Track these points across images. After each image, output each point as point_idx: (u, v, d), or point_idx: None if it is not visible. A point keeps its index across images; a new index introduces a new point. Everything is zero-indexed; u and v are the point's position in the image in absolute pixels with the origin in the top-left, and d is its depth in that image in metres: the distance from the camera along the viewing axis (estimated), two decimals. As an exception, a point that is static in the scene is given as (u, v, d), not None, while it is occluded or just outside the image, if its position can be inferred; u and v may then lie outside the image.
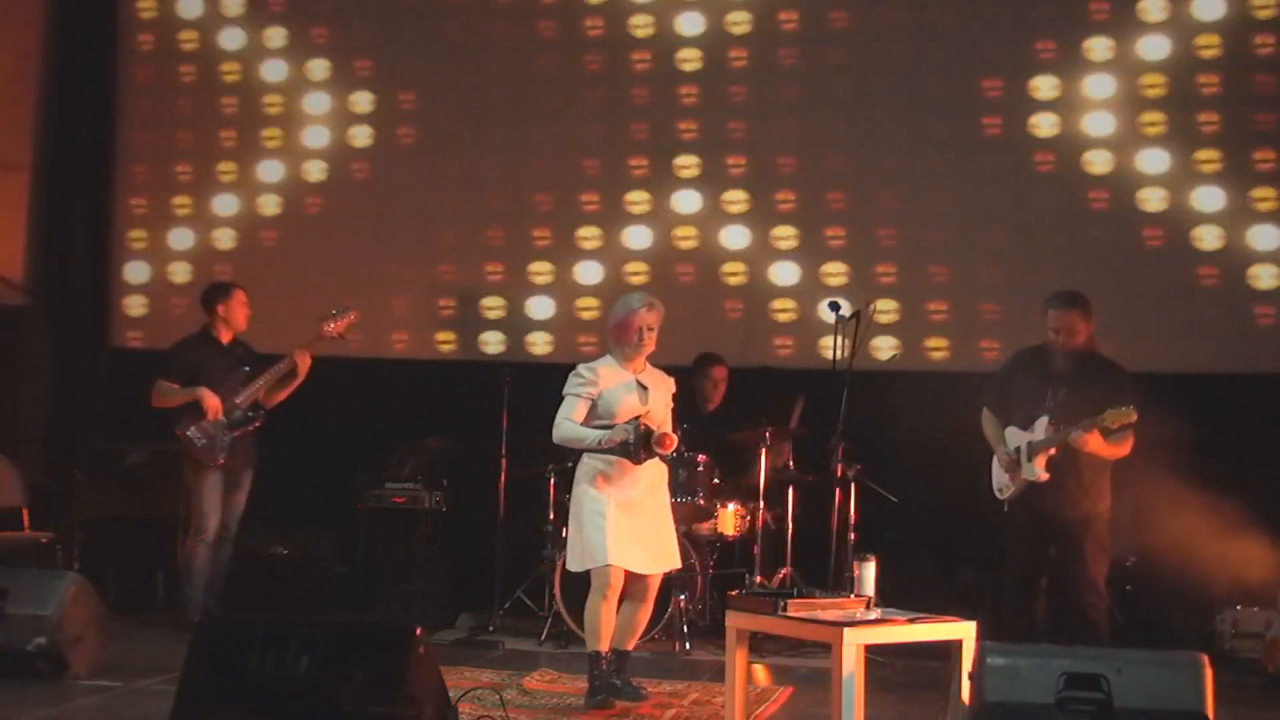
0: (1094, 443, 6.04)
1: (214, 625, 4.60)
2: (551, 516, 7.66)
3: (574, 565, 5.99)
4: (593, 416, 5.90)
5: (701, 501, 7.31)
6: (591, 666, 5.86)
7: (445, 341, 8.82)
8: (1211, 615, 7.28)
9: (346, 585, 8.10)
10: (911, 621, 4.94)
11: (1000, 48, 8.24)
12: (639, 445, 5.77)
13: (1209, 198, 7.94)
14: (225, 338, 7.63)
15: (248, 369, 7.54)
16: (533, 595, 7.84)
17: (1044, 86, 8.13)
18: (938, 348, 8.19)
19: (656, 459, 5.90)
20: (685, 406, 7.73)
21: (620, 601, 5.90)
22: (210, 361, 7.52)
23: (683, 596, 7.15)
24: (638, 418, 5.83)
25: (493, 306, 8.77)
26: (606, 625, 5.85)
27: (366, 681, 4.25)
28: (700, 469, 7.33)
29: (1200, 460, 7.17)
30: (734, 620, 5.18)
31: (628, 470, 5.84)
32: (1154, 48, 8.03)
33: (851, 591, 5.15)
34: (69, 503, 8.22)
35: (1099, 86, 8.09)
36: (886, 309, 8.02)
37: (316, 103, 9.03)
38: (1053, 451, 6.12)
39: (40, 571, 6.87)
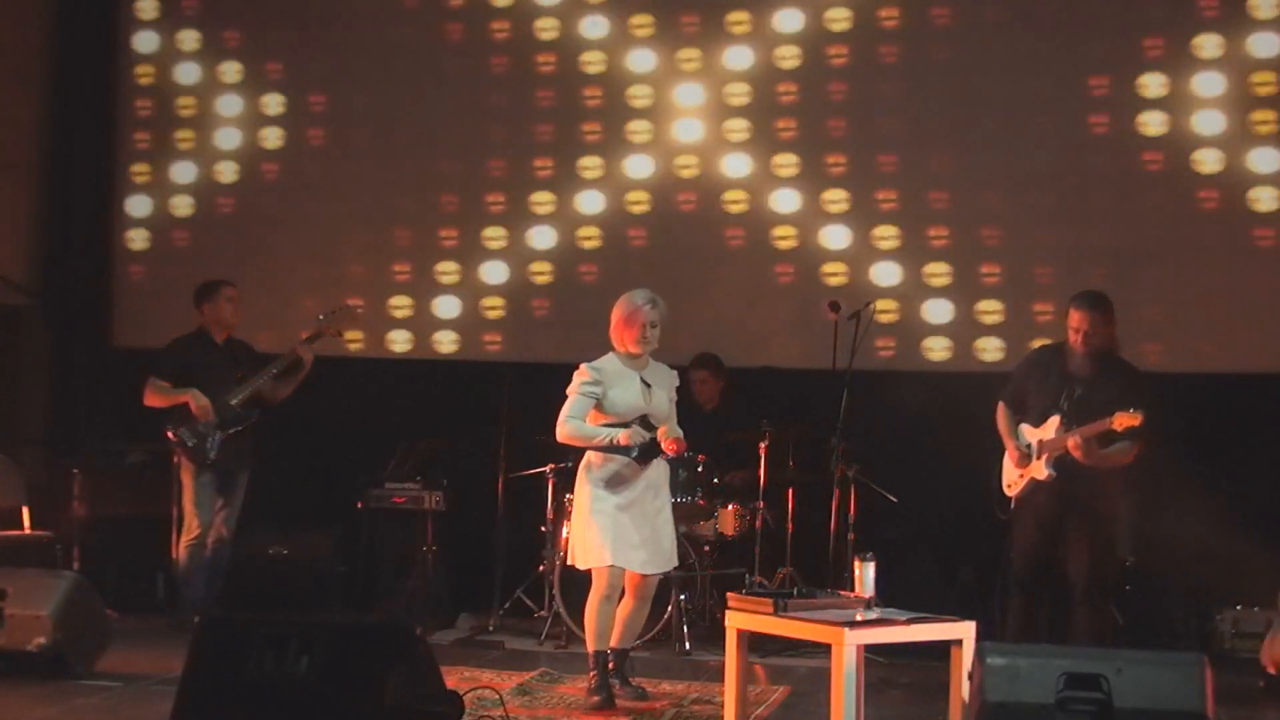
0: (1091, 451, 5.99)
1: (214, 625, 4.59)
2: (551, 516, 7.66)
3: (576, 562, 6.02)
4: (599, 414, 5.92)
5: (701, 501, 7.31)
6: (592, 666, 5.88)
7: (446, 341, 8.82)
8: (1211, 615, 7.28)
9: (346, 585, 8.10)
10: (911, 621, 4.94)
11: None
12: (646, 447, 5.79)
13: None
14: (219, 337, 7.62)
15: (242, 369, 7.54)
16: (533, 595, 7.84)
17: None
18: (938, 348, 8.18)
19: (660, 458, 5.91)
20: (685, 406, 7.75)
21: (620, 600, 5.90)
22: (203, 361, 7.51)
23: (683, 596, 7.15)
24: (645, 417, 5.84)
25: (493, 306, 8.77)
26: (607, 625, 5.87)
27: (359, 679, 4.25)
28: (700, 469, 7.33)
29: (1200, 460, 7.18)
30: (734, 620, 5.18)
31: (631, 469, 5.86)
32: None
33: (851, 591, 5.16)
34: (69, 503, 8.22)
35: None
36: (886, 309, 8.02)
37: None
38: (1060, 452, 6.10)
39: (40, 571, 6.86)
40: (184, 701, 4.37)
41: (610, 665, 5.93)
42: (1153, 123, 7.98)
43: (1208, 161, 7.92)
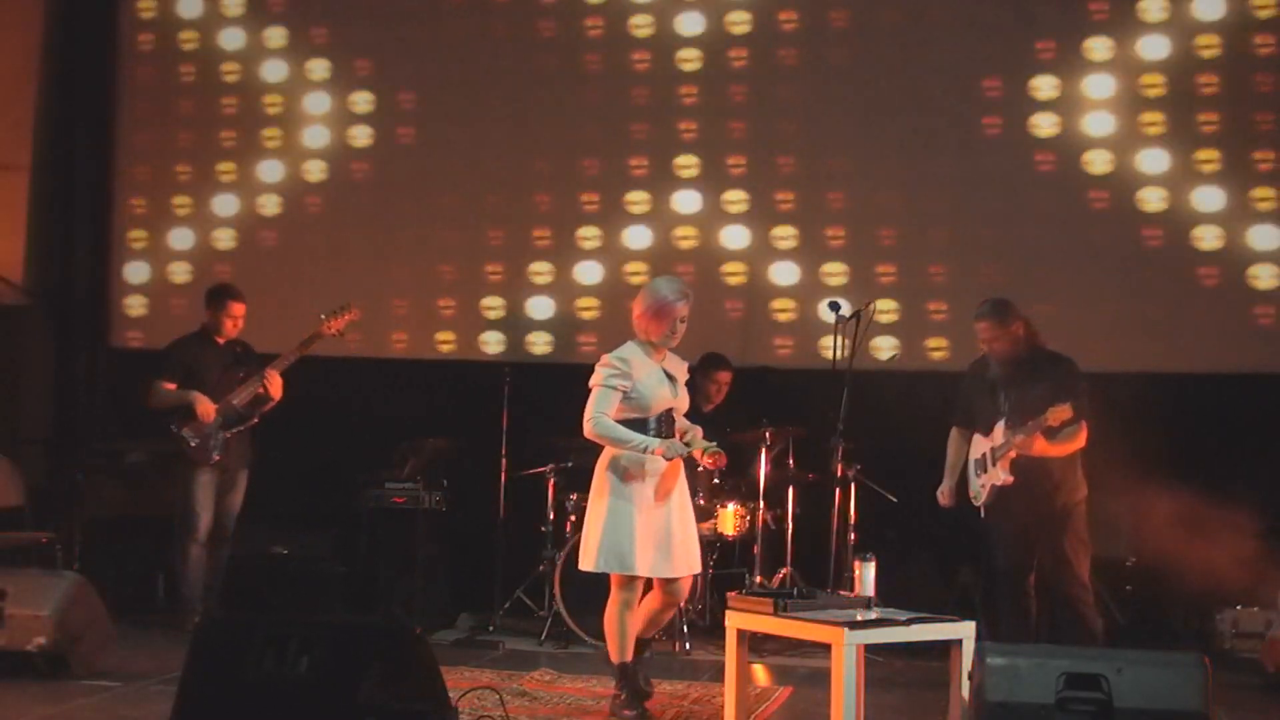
0: (1039, 446, 6.13)
1: (214, 625, 4.59)
2: (551, 516, 7.67)
3: (591, 565, 5.65)
4: (624, 408, 5.63)
5: (701, 501, 7.31)
6: (619, 679, 5.62)
7: (445, 342, 8.82)
8: (1211, 615, 7.29)
9: (346, 585, 8.10)
10: (911, 621, 4.94)
11: (1001, 47, 8.25)
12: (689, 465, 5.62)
13: (1209, 198, 7.93)
14: (222, 337, 7.63)
15: (244, 368, 7.55)
16: (533, 595, 7.84)
17: (1044, 86, 8.13)
18: (938, 348, 8.19)
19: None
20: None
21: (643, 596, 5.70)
22: (206, 361, 7.52)
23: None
24: (669, 412, 5.68)
25: (492, 306, 8.77)
26: (633, 634, 5.64)
27: (381, 678, 4.25)
28: (700, 469, 7.32)
29: (1199, 460, 7.18)
30: (734, 620, 5.18)
31: (656, 468, 5.61)
32: (1154, 47, 8.02)
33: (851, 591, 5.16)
34: (69, 503, 8.22)
35: (1099, 86, 8.08)
36: (886, 309, 8.02)
37: (316, 103, 9.03)
38: (1013, 455, 6.19)
39: (40, 571, 6.87)
40: (184, 701, 4.37)
41: (641, 671, 5.69)
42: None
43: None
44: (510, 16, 8.84)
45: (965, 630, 4.98)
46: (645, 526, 5.56)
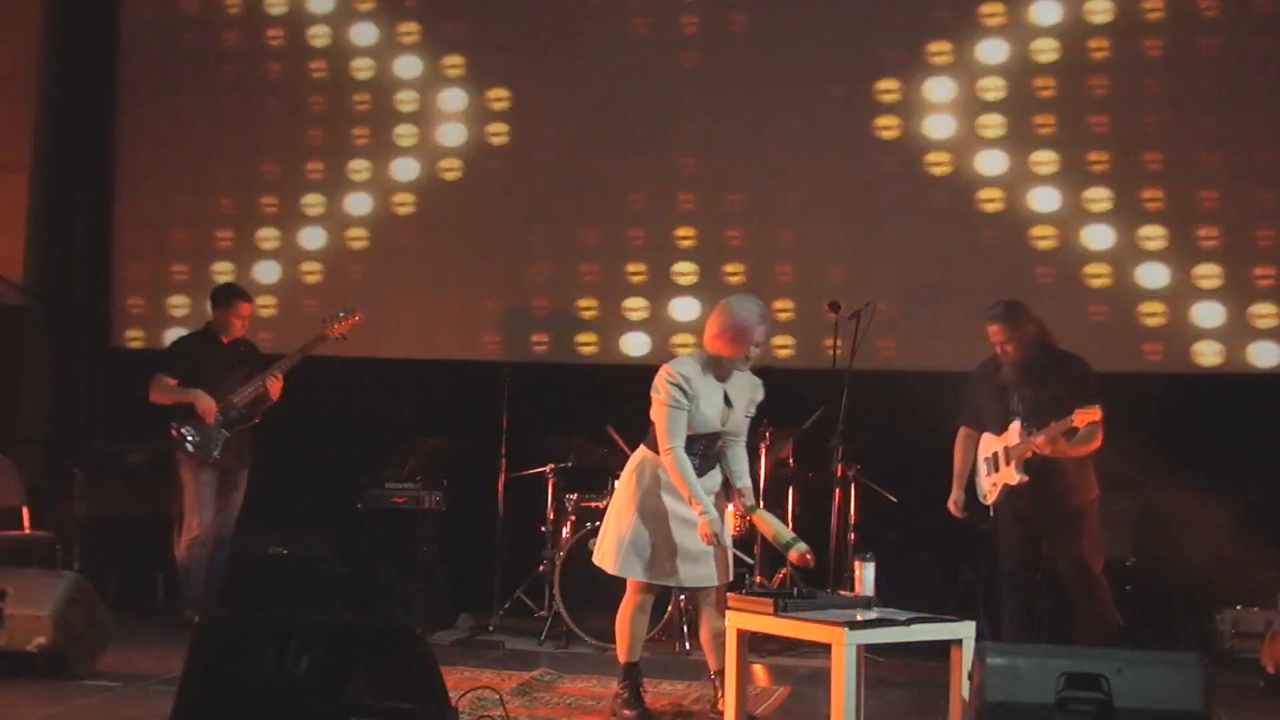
0: (1059, 447, 6.10)
1: (214, 625, 4.59)
2: (551, 516, 7.67)
3: (610, 567, 5.57)
4: None
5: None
6: (623, 679, 5.62)
7: (446, 342, 8.81)
8: (1211, 615, 7.28)
9: (346, 585, 8.10)
10: (911, 621, 4.94)
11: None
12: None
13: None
14: (226, 337, 7.64)
15: (247, 368, 7.55)
16: (533, 595, 7.85)
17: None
18: (938, 348, 8.17)
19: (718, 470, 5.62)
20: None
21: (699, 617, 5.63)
22: (209, 359, 7.53)
23: (683, 596, 7.15)
24: (716, 435, 5.51)
25: (494, 306, 8.77)
26: (640, 636, 5.64)
27: (358, 678, 4.25)
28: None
29: (1199, 460, 7.18)
30: (734, 620, 5.18)
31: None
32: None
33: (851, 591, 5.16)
34: (69, 503, 8.22)
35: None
36: (886, 309, 8.00)
37: (316, 102, 9.03)
38: (1028, 454, 6.18)
39: (40, 571, 6.86)
40: (184, 701, 4.37)
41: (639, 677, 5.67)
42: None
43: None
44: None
45: (965, 630, 4.98)
46: (667, 535, 5.50)
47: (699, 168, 8.56)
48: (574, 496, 7.58)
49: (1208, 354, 7.83)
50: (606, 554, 5.59)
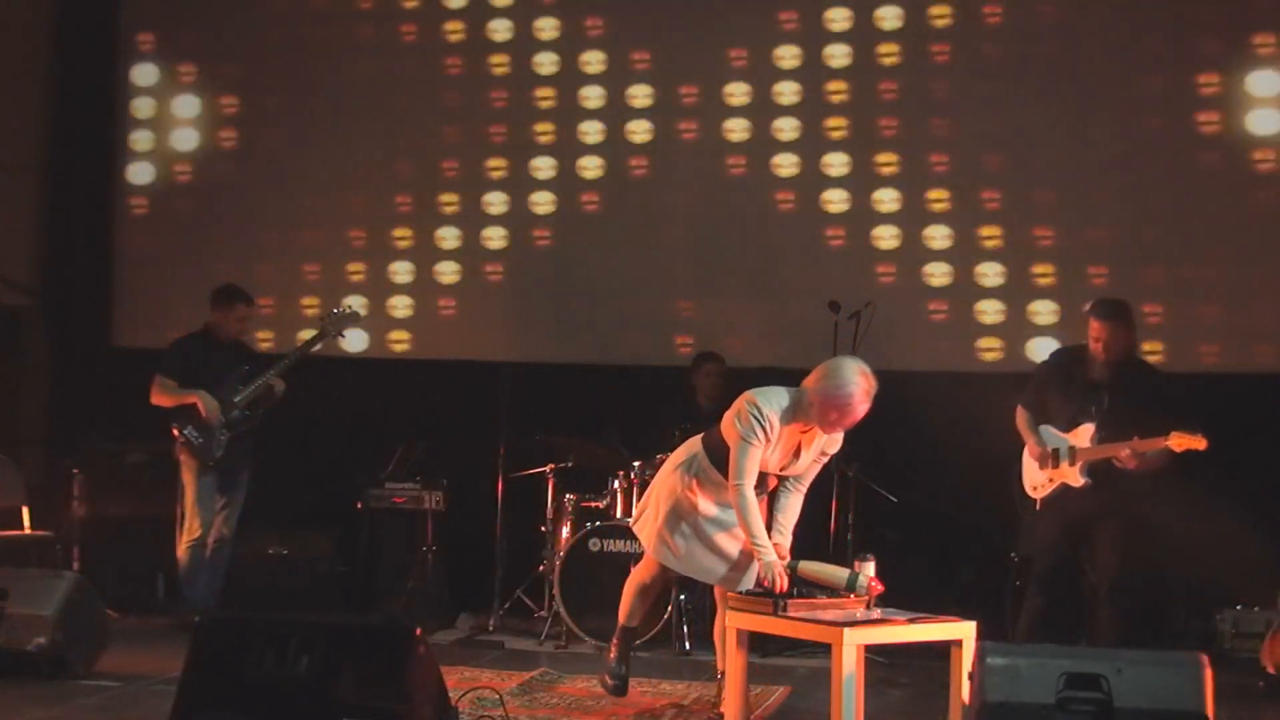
0: (1139, 462, 5.99)
1: (214, 625, 4.59)
2: (551, 516, 7.67)
3: (647, 545, 5.55)
4: None
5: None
6: (618, 636, 5.64)
7: (445, 342, 8.81)
8: (1211, 615, 7.28)
9: (346, 585, 8.10)
10: (911, 621, 4.94)
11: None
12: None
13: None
14: (226, 338, 7.63)
15: (247, 368, 7.55)
16: (533, 595, 7.85)
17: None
18: (937, 348, 8.17)
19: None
20: (685, 404, 7.76)
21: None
22: (209, 360, 7.51)
23: (683, 596, 7.15)
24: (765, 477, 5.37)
25: (493, 306, 8.77)
26: (638, 605, 5.62)
27: (358, 678, 4.25)
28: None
29: (1200, 460, 7.17)
30: (734, 620, 5.18)
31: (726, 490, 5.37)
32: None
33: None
34: (69, 503, 8.22)
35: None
36: (886, 309, 8.00)
37: (316, 101, 9.03)
38: (1098, 458, 6.10)
39: (40, 571, 6.86)
40: (184, 701, 4.37)
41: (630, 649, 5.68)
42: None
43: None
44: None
45: (965, 630, 4.98)
46: (703, 533, 5.43)
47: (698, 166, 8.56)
48: (574, 496, 7.58)
49: (1208, 353, 7.84)
50: (647, 533, 5.53)
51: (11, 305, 9.06)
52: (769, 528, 5.38)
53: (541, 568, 7.71)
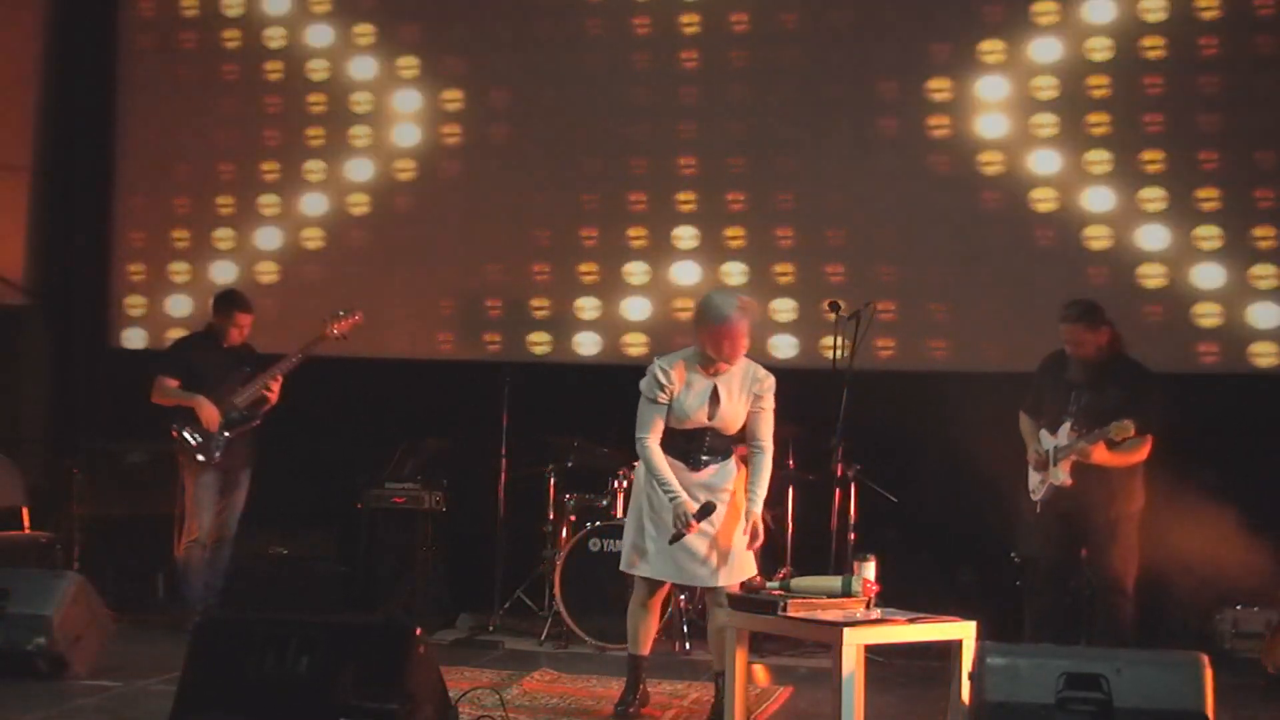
0: (1099, 454, 6.10)
1: (214, 625, 4.60)
2: (551, 516, 7.67)
3: (623, 564, 5.67)
4: (659, 419, 5.47)
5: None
6: (628, 669, 5.69)
7: (445, 342, 8.81)
8: (1211, 615, 7.28)
9: (346, 585, 8.10)
10: (911, 621, 4.94)
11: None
12: (702, 510, 5.38)
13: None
14: (226, 342, 7.63)
15: (247, 369, 7.55)
16: (533, 595, 7.85)
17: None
18: (938, 348, 8.18)
19: (736, 456, 5.58)
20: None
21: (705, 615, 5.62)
22: (209, 361, 7.52)
23: (683, 596, 7.15)
24: (709, 432, 5.46)
25: (493, 306, 8.77)
26: (639, 630, 5.65)
27: (358, 678, 4.25)
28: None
29: (1199, 460, 7.18)
30: (734, 620, 5.18)
31: (688, 481, 5.46)
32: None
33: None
34: (69, 503, 8.22)
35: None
36: (886, 309, 8.01)
37: (315, 102, 9.03)
38: (1074, 457, 6.17)
39: (40, 571, 6.87)
40: (184, 701, 4.37)
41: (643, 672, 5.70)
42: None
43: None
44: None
45: (965, 630, 4.98)
46: (659, 532, 5.49)
47: (699, 167, 8.55)
48: (574, 496, 7.58)
49: (1205, 353, 7.85)
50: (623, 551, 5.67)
51: (11, 305, 9.06)
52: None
53: (541, 568, 7.71)
